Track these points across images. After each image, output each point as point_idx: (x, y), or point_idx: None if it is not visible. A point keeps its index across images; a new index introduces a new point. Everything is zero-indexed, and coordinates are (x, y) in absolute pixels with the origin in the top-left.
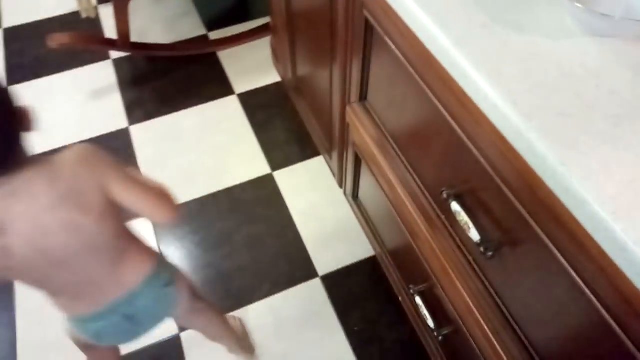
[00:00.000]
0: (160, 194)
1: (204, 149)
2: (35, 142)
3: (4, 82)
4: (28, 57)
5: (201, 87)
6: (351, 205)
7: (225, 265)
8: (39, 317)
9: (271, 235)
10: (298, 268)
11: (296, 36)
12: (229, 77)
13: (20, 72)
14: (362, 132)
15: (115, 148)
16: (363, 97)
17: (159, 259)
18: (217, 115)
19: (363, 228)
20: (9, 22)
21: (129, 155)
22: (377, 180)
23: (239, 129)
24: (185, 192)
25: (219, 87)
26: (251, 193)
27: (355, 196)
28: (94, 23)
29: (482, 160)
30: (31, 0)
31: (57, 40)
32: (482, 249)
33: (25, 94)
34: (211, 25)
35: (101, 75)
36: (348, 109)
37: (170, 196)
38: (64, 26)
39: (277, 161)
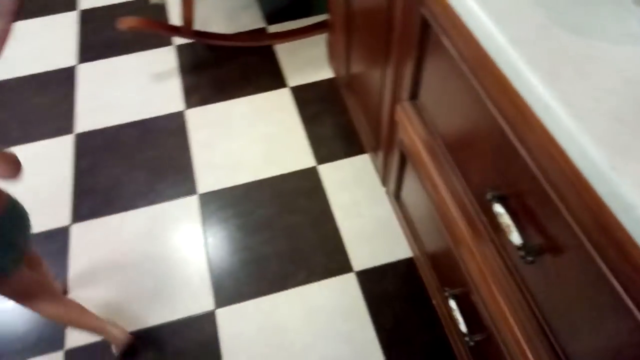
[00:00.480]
0: (3, 154)
1: (254, 137)
2: (98, 119)
3: None
4: (99, 37)
5: (256, 77)
6: (392, 205)
7: (263, 249)
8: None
9: (310, 226)
10: (334, 261)
11: (352, 34)
12: (284, 70)
13: (91, 51)
14: (410, 131)
15: (171, 129)
16: (414, 95)
17: (10, 195)
18: (268, 106)
19: (403, 228)
20: (85, 5)
21: (183, 136)
22: (421, 180)
23: (289, 121)
24: (232, 177)
25: (273, 79)
26: (295, 183)
27: (397, 196)
28: (162, 10)
29: (530, 162)
30: None
31: (126, 23)
32: (522, 254)
33: (94, 71)
34: (271, 19)
35: (164, 59)
36: (398, 107)
37: (14, 157)
38: (134, 11)
39: (323, 155)
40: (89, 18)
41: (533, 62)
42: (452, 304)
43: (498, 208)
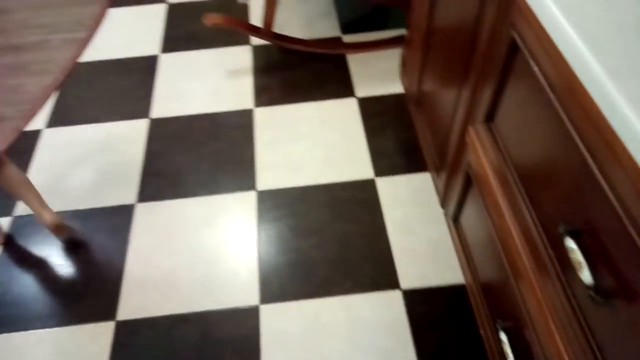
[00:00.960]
0: None
1: (316, 142)
2: (173, 107)
3: None
4: (183, 30)
5: (325, 84)
6: (449, 228)
7: (312, 253)
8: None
9: (362, 237)
10: (382, 275)
11: (430, 50)
12: (353, 80)
13: (173, 42)
14: (481, 154)
15: (239, 125)
16: (489, 118)
17: None
18: (334, 114)
19: (457, 253)
20: None
21: (249, 133)
22: (485, 205)
23: (352, 131)
24: (290, 178)
25: (342, 87)
26: (351, 193)
27: (455, 219)
28: (244, 10)
29: (613, 199)
30: None
31: (211, 19)
32: (591, 293)
33: (174, 62)
34: (346, 29)
35: (239, 57)
36: (470, 128)
37: None
38: (219, 8)
39: (382, 168)
40: (175, 11)
41: (631, 97)
42: (503, 336)
43: (570, 243)
